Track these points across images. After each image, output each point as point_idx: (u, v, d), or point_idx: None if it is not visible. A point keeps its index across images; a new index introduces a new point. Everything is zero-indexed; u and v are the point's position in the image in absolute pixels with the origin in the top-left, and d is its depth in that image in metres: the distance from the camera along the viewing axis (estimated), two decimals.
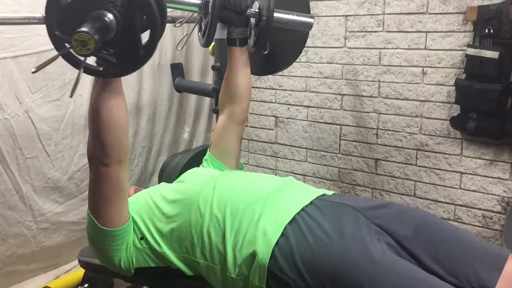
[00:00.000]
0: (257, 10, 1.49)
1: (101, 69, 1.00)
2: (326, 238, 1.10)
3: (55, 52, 0.97)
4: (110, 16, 0.92)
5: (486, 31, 1.95)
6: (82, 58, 0.95)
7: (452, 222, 2.23)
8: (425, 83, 2.25)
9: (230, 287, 1.19)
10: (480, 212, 2.20)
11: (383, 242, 1.12)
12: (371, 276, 1.02)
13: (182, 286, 1.36)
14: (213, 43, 2.10)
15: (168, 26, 2.84)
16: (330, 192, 1.33)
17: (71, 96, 0.98)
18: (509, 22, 1.89)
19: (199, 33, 1.55)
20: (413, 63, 2.26)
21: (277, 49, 2.11)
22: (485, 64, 1.94)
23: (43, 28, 2.03)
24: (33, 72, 0.98)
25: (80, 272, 2.05)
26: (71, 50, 0.90)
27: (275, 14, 1.49)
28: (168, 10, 1.09)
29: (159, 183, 2.13)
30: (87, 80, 2.20)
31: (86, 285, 1.90)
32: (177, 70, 2.44)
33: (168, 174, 2.13)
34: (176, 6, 1.55)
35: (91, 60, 1.00)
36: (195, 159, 2.17)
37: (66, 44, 0.93)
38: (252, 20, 1.52)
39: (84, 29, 0.86)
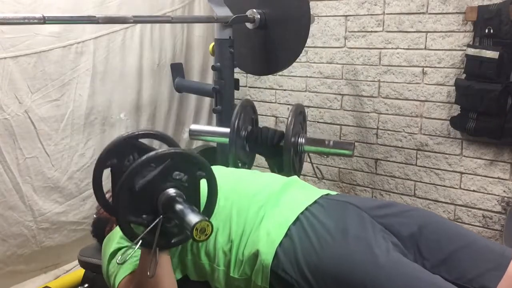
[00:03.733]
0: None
1: (173, 241, 1.04)
2: (330, 238, 1.10)
3: (54, 51, 0.99)
4: (176, 191, 0.98)
5: (486, 31, 1.95)
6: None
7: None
8: (425, 83, 2.24)
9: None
10: (480, 212, 2.19)
11: (389, 241, 1.11)
12: (375, 277, 1.02)
13: None
14: (213, 43, 2.10)
15: (168, 26, 2.84)
16: (334, 192, 1.32)
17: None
18: (509, 22, 1.89)
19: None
20: (413, 63, 2.26)
21: (277, 49, 2.12)
22: (485, 64, 1.94)
23: (43, 28, 2.03)
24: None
25: (80, 272, 2.05)
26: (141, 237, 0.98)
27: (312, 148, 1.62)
28: (168, 9, 1.11)
29: None
30: (87, 80, 2.21)
31: (86, 285, 1.89)
32: (177, 70, 2.45)
33: None
34: (209, 139, 1.82)
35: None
36: None
37: (132, 226, 1.00)
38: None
39: (201, 217, 0.91)
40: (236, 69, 2.13)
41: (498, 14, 1.91)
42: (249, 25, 2.09)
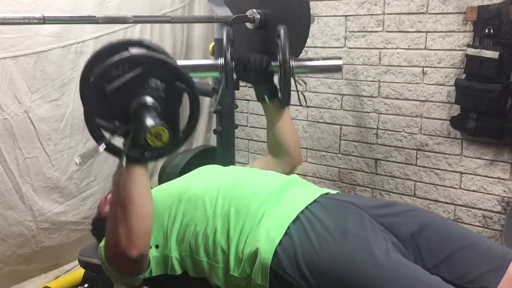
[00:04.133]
0: (278, 65, 1.50)
1: (146, 155, 0.99)
2: (330, 238, 1.10)
3: (54, 51, 0.98)
4: (152, 100, 0.93)
5: (486, 31, 1.95)
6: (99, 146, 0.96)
7: None
8: (425, 83, 2.24)
9: (233, 286, 1.18)
10: (480, 212, 2.19)
11: (388, 241, 1.11)
12: (374, 277, 1.02)
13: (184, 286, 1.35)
14: (213, 43, 2.10)
15: (168, 26, 2.83)
16: (334, 192, 1.32)
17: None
18: (509, 22, 1.89)
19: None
20: (413, 63, 2.26)
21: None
22: (485, 64, 1.94)
23: (42, 28, 2.02)
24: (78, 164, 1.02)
25: (80, 272, 2.05)
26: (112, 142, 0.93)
27: (299, 63, 1.55)
28: (168, 9, 1.09)
29: (159, 183, 2.13)
30: None
31: (86, 285, 1.89)
32: None
33: (168, 174, 2.13)
34: (199, 75, 1.66)
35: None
36: (195, 159, 2.17)
37: (104, 132, 0.94)
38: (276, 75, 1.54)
39: (158, 122, 0.87)
40: None
41: (498, 14, 1.91)
42: (249, 25, 2.08)
